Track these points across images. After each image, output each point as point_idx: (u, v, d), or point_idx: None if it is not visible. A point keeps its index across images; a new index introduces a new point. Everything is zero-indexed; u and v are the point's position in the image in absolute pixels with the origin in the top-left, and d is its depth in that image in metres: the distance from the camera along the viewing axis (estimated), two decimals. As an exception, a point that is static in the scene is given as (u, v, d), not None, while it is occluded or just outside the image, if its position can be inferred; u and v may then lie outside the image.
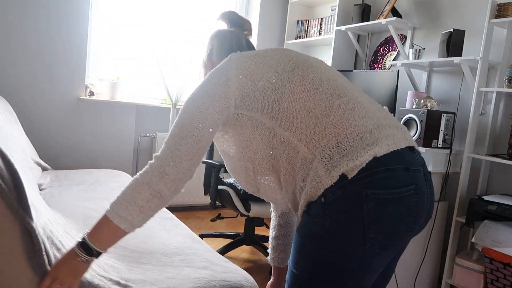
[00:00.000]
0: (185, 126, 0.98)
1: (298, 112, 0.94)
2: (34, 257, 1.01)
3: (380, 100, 2.77)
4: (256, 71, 1.00)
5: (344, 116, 0.94)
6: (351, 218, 0.87)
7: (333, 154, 0.90)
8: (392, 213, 0.87)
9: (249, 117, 0.97)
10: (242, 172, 1.07)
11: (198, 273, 1.36)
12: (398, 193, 0.88)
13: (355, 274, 0.91)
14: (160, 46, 3.53)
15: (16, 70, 2.88)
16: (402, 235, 0.91)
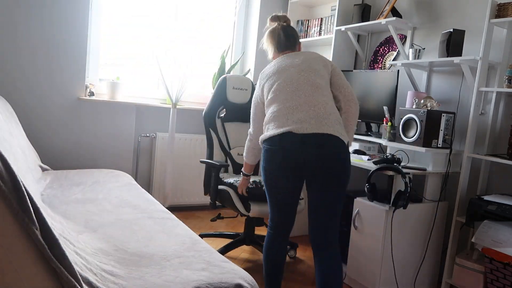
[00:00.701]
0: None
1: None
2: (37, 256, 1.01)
3: (380, 100, 2.77)
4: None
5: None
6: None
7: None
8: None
9: None
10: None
11: (197, 275, 1.36)
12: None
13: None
14: (160, 46, 3.53)
15: (16, 70, 2.88)
16: (277, 168, 1.76)
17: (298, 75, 1.82)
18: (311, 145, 1.68)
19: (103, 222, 1.84)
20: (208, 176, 2.64)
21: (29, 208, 1.02)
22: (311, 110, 1.73)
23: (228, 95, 2.81)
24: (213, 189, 2.51)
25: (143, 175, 3.51)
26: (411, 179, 2.14)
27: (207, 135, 2.75)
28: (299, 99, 1.76)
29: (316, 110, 1.73)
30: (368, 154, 2.78)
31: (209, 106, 2.77)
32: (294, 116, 1.72)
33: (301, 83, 1.79)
